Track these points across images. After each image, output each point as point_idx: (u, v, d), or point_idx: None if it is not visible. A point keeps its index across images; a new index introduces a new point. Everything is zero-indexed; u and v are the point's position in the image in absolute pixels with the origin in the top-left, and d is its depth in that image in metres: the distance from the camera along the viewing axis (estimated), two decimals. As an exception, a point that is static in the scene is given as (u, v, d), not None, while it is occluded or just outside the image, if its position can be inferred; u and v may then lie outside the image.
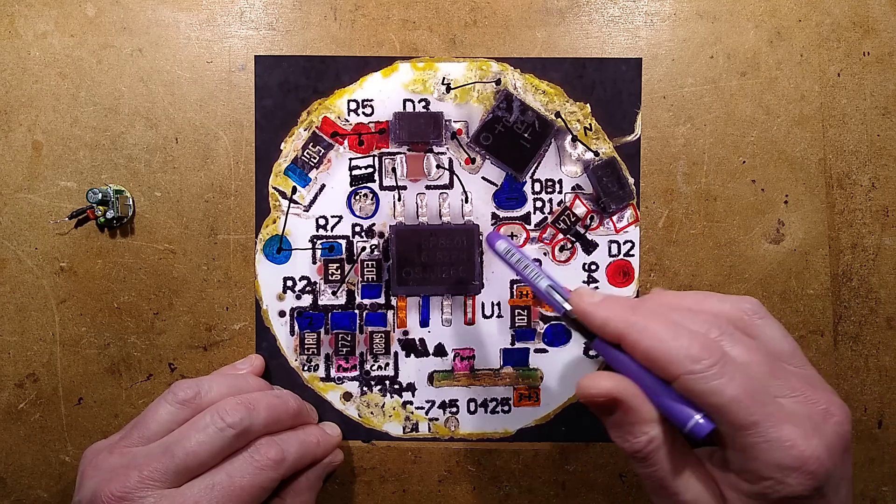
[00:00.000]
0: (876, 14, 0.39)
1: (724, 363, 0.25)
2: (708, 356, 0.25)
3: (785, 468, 0.24)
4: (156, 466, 0.30)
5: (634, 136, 0.39)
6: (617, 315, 0.28)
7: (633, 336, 0.27)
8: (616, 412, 0.27)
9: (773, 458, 0.24)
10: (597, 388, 0.27)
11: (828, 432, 0.25)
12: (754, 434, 0.24)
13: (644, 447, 0.27)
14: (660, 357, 0.26)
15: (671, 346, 0.26)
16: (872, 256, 0.39)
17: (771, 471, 0.24)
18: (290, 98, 0.39)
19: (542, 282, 0.31)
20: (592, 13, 0.39)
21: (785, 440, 0.24)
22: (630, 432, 0.27)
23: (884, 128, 0.39)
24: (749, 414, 0.24)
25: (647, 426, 0.27)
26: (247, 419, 0.32)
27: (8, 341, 0.39)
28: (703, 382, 0.25)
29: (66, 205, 0.39)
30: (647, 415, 0.27)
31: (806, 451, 0.24)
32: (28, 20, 0.39)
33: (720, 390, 0.25)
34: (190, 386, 0.33)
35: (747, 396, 0.25)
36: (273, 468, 0.32)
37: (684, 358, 0.25)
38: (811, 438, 0.24)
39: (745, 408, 0.25)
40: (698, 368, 0.25)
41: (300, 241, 0.39)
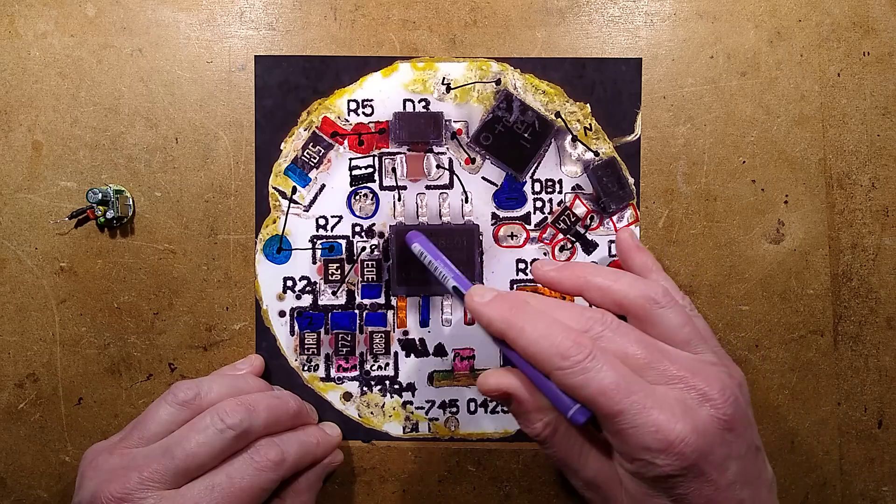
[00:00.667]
0: (876, 14, 0.39)
1: (592, 357, 0.27)
2: (577, 353, 0.27)
3: (652, 450, 0.26)
4: (155, 468, 0.30)
5: (634, 136, 0.39)
6: (499, 315, 0.30)
7: (511, 336, 0.29)
8: (512, 403, 0.31)
9: (641, 442, 0.26)
10: (487, 384, 0.31)
11: (701, 415, 0.27)
12: (621, 421, 0.26)
13: (541, 431, 0.30)
14: (533, 355, 0.28)
15: (542, 346, 0.28)
16: (872, 256, 0.39)
17: (640, 453, 0.26)
18: (290, 98, 0.39)
19: (449, 282, 0.34)
20: (592, 13, 0.39)
21: (650, 425, 0.26)
22: (527, 419, 0.30)
23: (884, 128, 0.39)
24: (615, 404, 0.26)
25: (540, 413, 0.30)
26: (247, 420, 0.32)
27: (8, 341, 0.39)
28: (571, 377, 0.27)
29: (66, 205, 0.39)
30: (537, 404, 0.30)
31: (671, 435, 0.26)
32: (28, 20, 0.39)
33: (586, 384, 0.27)
34: (190, 387, 0.33)
35: (613, 388, 0.27)
36: (273, 469, 0.32)
37: (554, 356, 0.28)
38: (678, 422, 0.26)
39: (610, 398, 0.27)
40: (566, 365, 0.27)
41: (300, 241, 0.39)
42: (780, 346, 0.40)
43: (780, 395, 0.40)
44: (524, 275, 0.40)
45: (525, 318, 0.29)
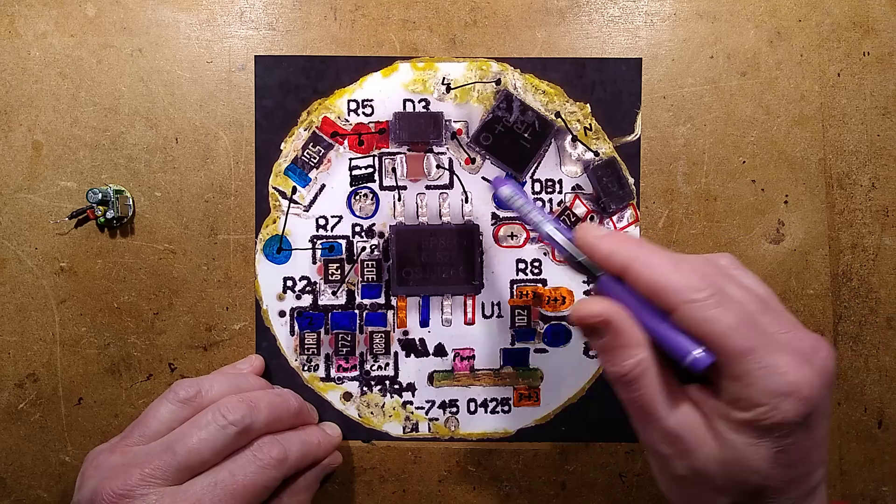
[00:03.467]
0: (876, 14, 0.39)
1: (721, 295, 0.26)
2: (707, 287, 0.26)
3: (780, 394, 0.25)
4: (157, 464, 0.30)
5: (634, 136, 0.39)
6: (622, 247, 0.28)
7: (636, 266, 0.28)
8: (606, 336, 0.28)
9: (769, 385, 0.25)
10: (589, 310, 0.28)
11: (817, 365, 0.26)
12: (750, 361, 0.25)
13: (631, 370, 0.28)
14: (662, 286, 0.27)
15: (673, 277, 0.27)
16: (872, 256, 0.39)
17: (765, 396, 0.25)
18: (290, 98, 0.39)
19: (546, 226, 0.31)
20: (592, 13, 0.39)
21: (780, 367, 0.25)
22: (618, 355, 0.28)
23: (884, 128, 0.39)
24: (746, 340, 0.26)
25: (635, 349, 0.28)
26: (248, 417, 0.32)
27: (8, 341, 0.39)
28: (704, 310, 0.26)
29: (66, 205, 0.39)
30: (635, 338, 0.28)
31: (799, 378, 0.25)
32: (28, 20, 0.39)
33: (720, 317, 0.26)
34: (191, 385, 0.33)
35: (744, 325, 0.26)
36: (276, 467, 0.32)
37: (685, 288, 0.26)
38: (803, 367, 0.26)
39: (742, 335, 0.26)
40: (699, 297, 0.26)
41: (300, 241, 0.39)
42: (780, 346, 0.40)
43: (780, 395, 0.40)
44: (524, 275, 0.40)
45: (649, 251, 0.28)
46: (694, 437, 0.27)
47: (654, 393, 0.28)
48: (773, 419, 0.25)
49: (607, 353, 0.28)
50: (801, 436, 0.26)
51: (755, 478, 0.26)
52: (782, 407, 0.25)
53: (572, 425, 0.40)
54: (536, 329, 0.40)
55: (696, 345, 0.26)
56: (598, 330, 0.28)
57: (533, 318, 0.40)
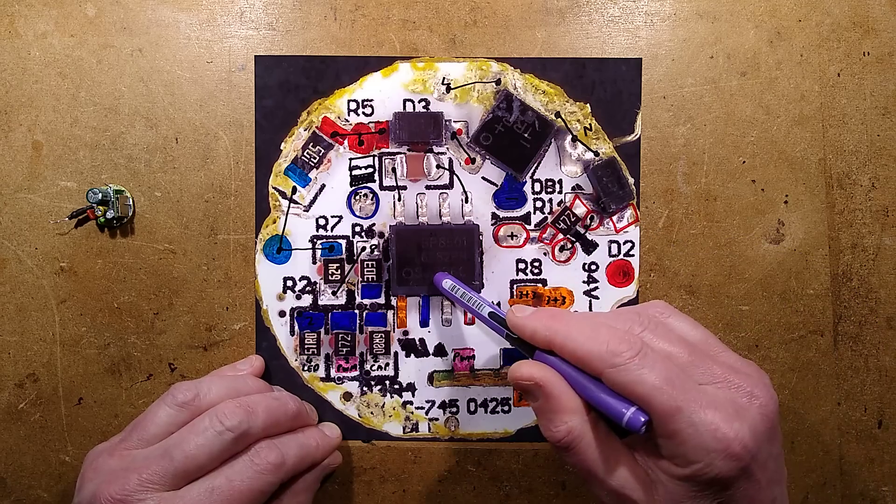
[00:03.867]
0: (876, 14, 0.39)
1: (644, 354, 0.27)
2: (628, 349, 0.27)
3: (711, 451, 0.25)
4: (155, 469, 0.30)
5: (634, 136, 0.39)
6: (542, 324, 0.30)
7: (558, 340, 0.29)
8: (539, 399, 0.29)
9: (699, 442, 0.25)
10: (522, 373, 0.29)
11: (751, 414, 0.26)
12: (679, 420, 0.26)
13: (564, 436, 0.28)
14: (584, 355, 0.28)
15: (592, 346, 0.27)
16: (872, 256, 0.39)
17: (698, 455, 0.26)
18: (290, 98, 0.39)
19: (484, 310, 0.34)
20: (592, 13, 0.39)
21: (709, 424, 0.25)
22: (552, 420, 0.29)
23: (884, 128, 0.39)
24: (672, 400, 0.26)
25: (568, 416, 0.28)
26: (245, 422, 0.32)
27: (8, 341, 0.39)
28: (626, 373, 0.26)
29: (66, 205, 0.39)
30: (568, 404, 0.28)
31: (729, 434, 0.25)
32: (28, 20, 0.39)
33: (642, 379, 0.26)
34: (189, 388, 0.33)
35: (669, 384, 0.26)
36: (273, 472, 0.32)
37: (605, 353, 0.27)
38: (734, 422, 0.26)
39: (667, 394, 0.26)
40: (619, 361, 0.27)
41: (300, 241, 0.39)
42: (780, 346, 0.40)
43: (780, 395, 0.40)
44: (524, 275, 0.40)
45: (569, 323, 0.29)
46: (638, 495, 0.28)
47: (591, 457, 0.28)
48: (708, 475, 0.26)
49: (542, 417, 0.29)
50: (742, 484, 0.26)
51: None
52: (716, 464, 0.25)
53: (572, 425, 0.40)
54: (536, 329, 0.40)
55: (629, 405, 0.27)
56: (531, 393, 0.29)
57: (533, 318, 0.40)
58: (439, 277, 0.37)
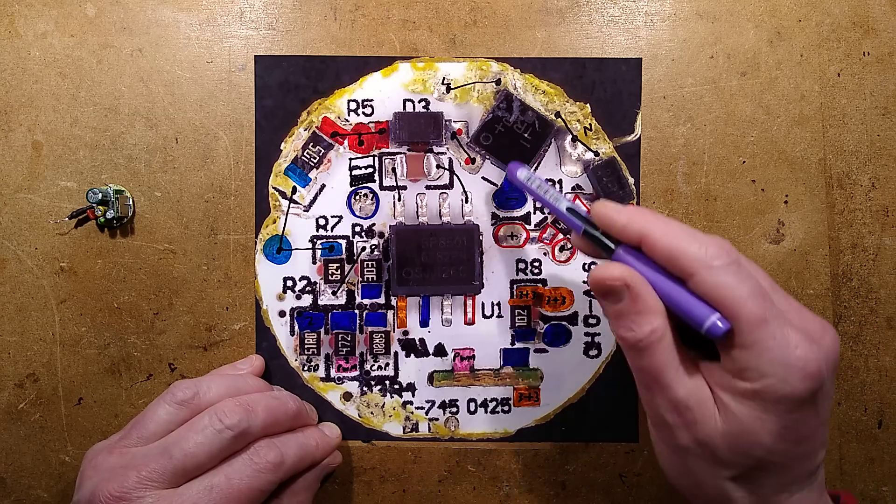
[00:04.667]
0: (876, 14, 0.39)
1: (739, 265, 0.27)
2: (726, 255, 0.27)
3: (789, 366, 0.25)
4: (154, 467, 0.30)
5: (634, 136, 0.39)
6: (639, 217, 0.29)
7: (655, 235, 0.28)
8: (623, 300, 0.28)
9: (779, 356, 0.25)
10: (609, 273, 0.28)
11: (826, 343, 0.27)
12: (763, 330, 0.26)
13: (647, 336, 0.28)
14: (681, 253, 0.27)
15: (692, 243, 0.27)
16: (872, 256, 0.39)
17: (775, 369, 0.26)
18: (290, 98, 0.39)
19: (562, 204, 0.32)
20: (592, 13, 0.39)
21: (791, 341, 0.26)
22: (635, 321, 0.28)
23: (884, 128, 0.39)
24: (761, 310, 0.26)
25: (652, 316, 0.28)
26: (245, 421, 0.32)
27: (8, 341, 0.39)
28: (723, 275, 0.26)
29: (66, 205, 0.39)
30: (653, 305, 0.28)
31: (809, 355, 0.26)
32: (28, 20, 0.39)
33: (738, 285, 0.26)
34: (189, 386, 0.33)
35: (759, 296, 0.26)
36: (272, 471, 0.32)
37: (704, 254, 0.27)
38: (812, 345, 0.26)
39: (758, 304, 0.26)
40: (718, 264, 0.26)
41: (300, 241, 0.39)
42: (780, 346, 0.40)
43: (780, 395, 0.40)
44: (524, 275, 0.40)
45: (666, 220, 0.28)
46: (701, 408, 0.27)
47: (667, 361, 0.28)
48: (780, 391, 0.26)
49: (623, 319, 0.28)
50: (806, 412, 0.26)
51: (759, 451, 0.27)
52: (791, 380, 0.25)
53: (572, 425, 0.40)
54: (536, 329, 0.40)
55: (713, 311, 0.27)
56: (616, 294, 0.28)
57: (533, 318, 0.40)
58: (514, 167, 0.34)
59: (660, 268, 0.28)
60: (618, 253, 0.30)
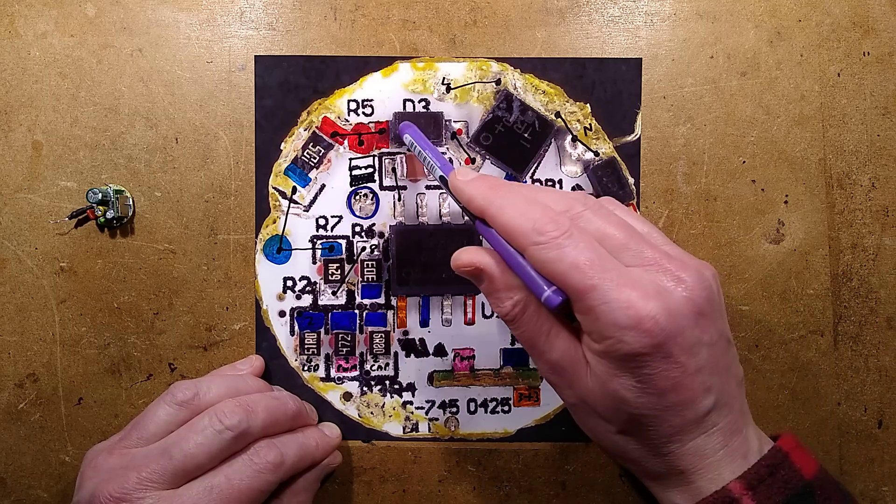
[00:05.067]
0: (876, 14, 0.39)
1: (569, 235, 0.27)
2: (553, 229, 0.27)
3: (621, 327, 0.26)
4: (154, 468, 0.30)
5: (634, 136, 0.39)
6: (480, 192, 0.30)
7: (491, 211, 0.29)
8: (483, 281, 0.30)
9: (611, 319, 0.26)
10: (460, 259, 0.30)
11: (674, 297, 0.27)
12: (592, 297, 0.26)
13: (510, 310, 0.30)
14: (511, 230, 0.28)
15: (519, 221, 0.28)
16: (872, 256, 0.39)
17: (610, 330, 0.26)
18: (290, 98, 0.39)
19: (436, 172, 0.33)
20: (592, 13, 0.39)
21: (623, 301, 0.26)
22: (497, 298, 0.30)
23: (884, 128, 0.39)
24: (588, 279, 0.27)
25: (511, 292, 0.29)
26: (245, 421, 0.32)
27: (8, 341, 0.39)
28: (546, 252, 0.27)
29: (66, 205, 0.39)
30: (509, 282, 0.30)
31: (641, 312, 0.26)
32: (28, 20, 0.39)
33: (560, 259, 0.27)
34: (188, 387, 0.33)
35: (587, 264, 0.27)
36: (272, 471, 0.32)
37: (530, 231, 0.28)
38: (650, 301, 0.26)
39: (583, 273, 0.27)
40: (542, 240, 0.27)
41: (300, 241, 0.39)
42: (780, 346, 0.40)
43: (780, 395, 0.40)
44: (524, 275, 0.40)
45: (505, 196, 0.29)
46: (574, 368, 0.29)
47: (537, 329, 0.29)
48: (621, 350, 0.26)
49: (489, 297, 0.30)
50: (659, 365, 0.27)
51: (625, 406, 0.28)
52: (626, 339, 0.26)
53: (572, 425, 0.40)
54: (536, 329, 0.40)
55: (549, 284, 0.28)
56: (477, 277, 0.30)
57: (533, 318, 0.40)
58: (404, 127, 0.36)
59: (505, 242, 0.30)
60: (478, 224, 0.31)
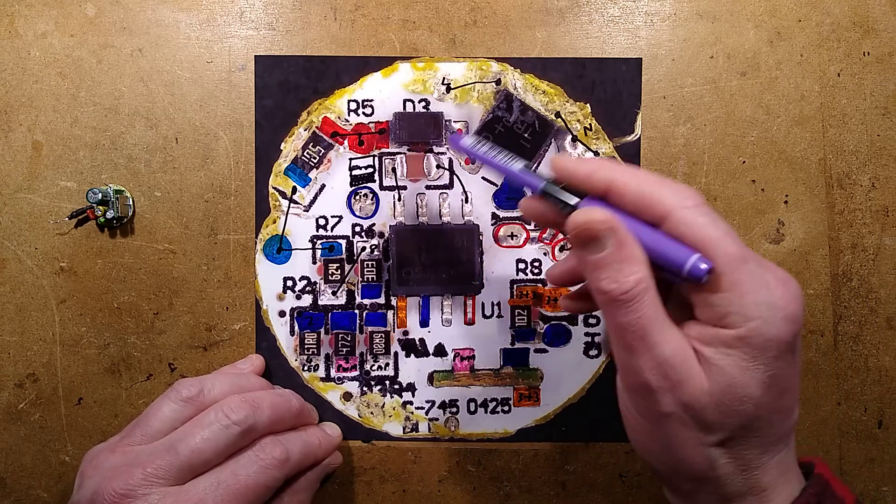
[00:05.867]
0: (876, 14, 0.39)
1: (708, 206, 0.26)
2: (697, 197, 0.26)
3: (774, 307, 0.25)
4: (160, 464, 0.30)
5: (634, 136, 0.39)
6: (601, 165, 0.27)
7: (622, 181, 0.27)
8: (607, 248, 0.26)
9: (763, 298, 0.25)
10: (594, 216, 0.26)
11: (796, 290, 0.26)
12: (744, 270, 0.25)
13: (633, 287, 0.25)
14: (652, 197, 0.26)
15: (661, 186, 0.26)
16: (872, 256, 0.39)
17: (760, 310, 0.25)
18: (290, 98, 0.39)
19: (516, 165, 0.30)
20: (592, 13, 0.39)
21: (770, 281, 0.25)
22: (620, 271, 0.26)
23: (884, 128, 0.39)
24: (740, 248, 0.25)
25: (638, 265, 0.26)
26: (251, 417, 0.32)
27: (8, 341, 0.39)
28: (698, 215, 0.25)
29: (66, 205, 0.39)
30: (637, 253, 0.26)
31: (788, 295, 0.25)
32: (28, 20, 0.39)
33: (715, 223, 0.25)
34: (193, 384, 0.33)
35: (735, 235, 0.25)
36: (278, 467, 0.32)
37: (676, 194, 0.26)
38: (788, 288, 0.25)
39: (736, 242, 0.25)
40: (691, 203, 0.26)
41: (300, 241, 0.39)
42: (780, 346, 0.40)
43: (780, 395, 0.40)
44: (524, 275, 0.40)
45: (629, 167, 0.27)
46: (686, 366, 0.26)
47: (654, 315, 0.26)
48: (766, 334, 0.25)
49: (607, 269, 0.26)
50: (789, 360, 0.25)
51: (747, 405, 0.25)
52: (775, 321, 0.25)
53: (572, 425, 0.40)
54: (536, 329, 0.40)
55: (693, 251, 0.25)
56: (600, 241, 0.26)
57: (533, 318, 0.40)
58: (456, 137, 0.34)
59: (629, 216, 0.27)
60: (584, 205, 0.27)
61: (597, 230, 0.26)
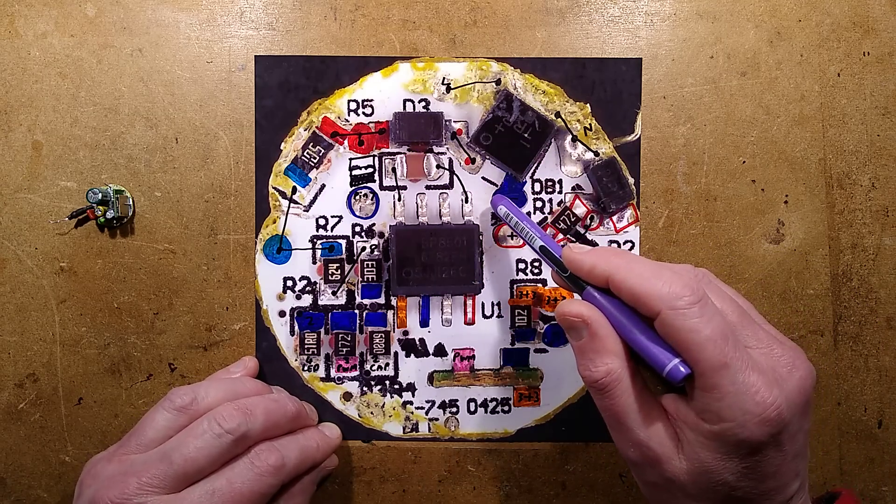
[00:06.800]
0: (876, 14, 0.39)
1: (704, 304, 0.26)
2: (690, 294, 0.26)
3: (747, 412, 0.25)
4: (154, 473, 0.30)
5: (634, 136, 0.39)
6: (603, 258, 0.29)
7: (619, 275, 0.28)
8: (584, 337, 0.29)
9: (737, 402, 0.26)
10: (571, 309, 0.29)
11: (790, 385, 0.27)
12: (723, 375, 0.26)
13: (603, 377, 0.28)
14: (644, 292, 0.27)
15: (655, 283, 0.27)
16: (872, 256, 0.39)
17: (733, 413, 0.26)
18: (290, 98, 0.39)
19: (536, 242, 0.33)
20: (592, 13, 0.39)
21: (751, 385, 0.26)
22: (593, 360, 0.29)
23: (884, 128, 0.39)
24: (722, 355, 0.26)
25: (609, 357, 0.28)
26: (244, 425, 0.32)
27: (8, 341, 0.39)
28: (684, 319, 0.26)
29: (66, 205, 0.39)
30: (611, 346, 0.28)
31: (768, 400, 0.25)
32: (28, 20, 0.39)
33: (699, 328, 0.26)
34: (186, 392, 0.33)
35: (722, 338, 0.26)
36: (273, 474, 0.32)
37: (667, 294, 0.26)
38: (773, 388, 0.26)
39: (719, 348, 0.26)
40: (680, 304, 0.26)
41: (300, 241, 0.39)
42: (780, 346, 0.40)
43: (780, 395, 0.40)
44: (524, 275, 0.40)
45: (631, 260, 0.28)
46: (663, 448, 0.28)
47: (626, 403, 0.28)
48: (738, 436, 0.26)
49: (584, 356, 0.29)
50: (770, 453, 0.26)
51: (723, 489, 0.27)
52: (749, 426, 0.25)
53: (572, 425, 0.40)
54: (536, 329, 0.40)
55: (673, 356, 0.27)
56: (577, 330, 0.29)
57: (533, 318, 0.40)
58: (497, 200, 0.37)
59: (628, 308, 0.29)
60: (587, 292, 0.30)
61: (571, 322, 0.29)
